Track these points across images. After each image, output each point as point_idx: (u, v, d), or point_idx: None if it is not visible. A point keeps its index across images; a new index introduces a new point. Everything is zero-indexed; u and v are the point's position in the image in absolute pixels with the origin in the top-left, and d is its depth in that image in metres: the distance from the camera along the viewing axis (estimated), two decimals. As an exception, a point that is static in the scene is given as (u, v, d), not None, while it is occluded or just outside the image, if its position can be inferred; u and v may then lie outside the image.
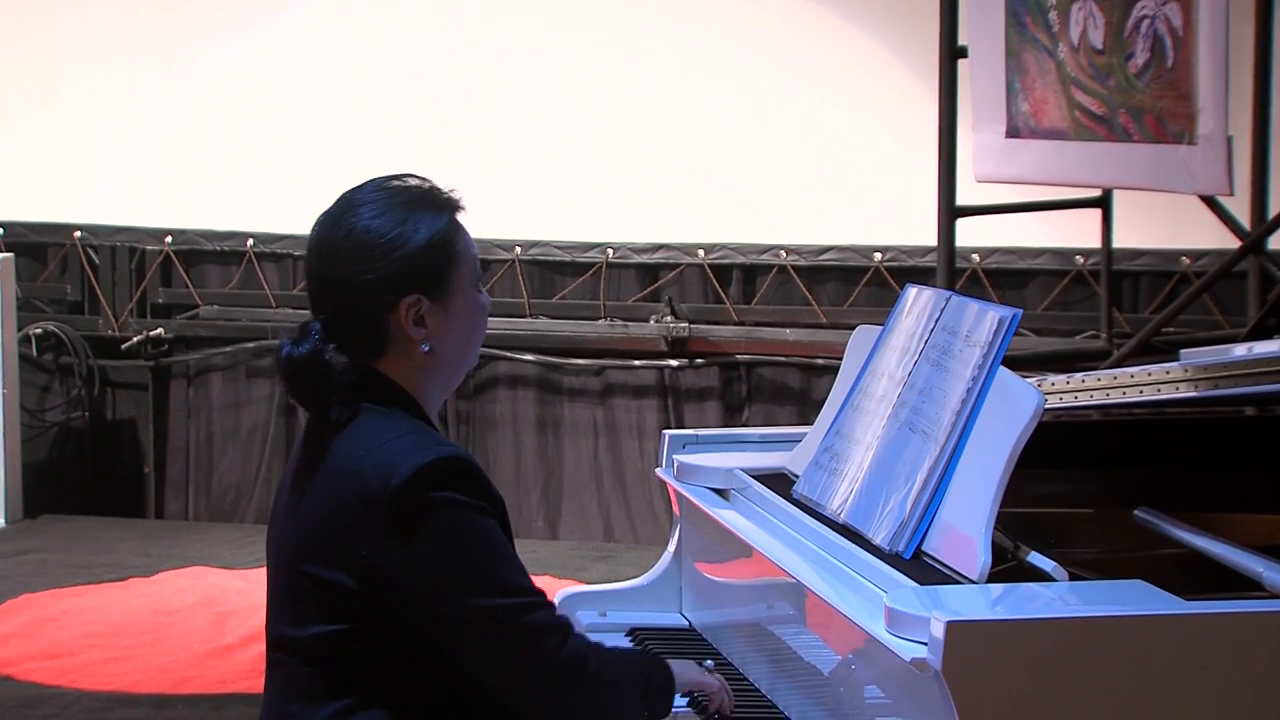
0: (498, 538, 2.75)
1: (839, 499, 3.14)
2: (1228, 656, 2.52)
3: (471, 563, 2.70)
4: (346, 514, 2.71)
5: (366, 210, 2.81)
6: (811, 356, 7.62)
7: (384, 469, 2.70)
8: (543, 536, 7.91)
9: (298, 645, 2.79)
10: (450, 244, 2.83)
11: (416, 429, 2.79)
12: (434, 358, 2.83)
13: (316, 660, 2.77)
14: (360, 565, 2.70)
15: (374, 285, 2.78)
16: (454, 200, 2.87)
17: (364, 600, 2.71)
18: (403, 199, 2.83)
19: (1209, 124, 5.18)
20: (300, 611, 2.77)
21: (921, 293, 3.23)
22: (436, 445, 2.74)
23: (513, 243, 7.90)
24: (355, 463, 2.73)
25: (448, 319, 2.83)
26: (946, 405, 2.97)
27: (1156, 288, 7.29)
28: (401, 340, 2.81)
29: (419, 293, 2.79)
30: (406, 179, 2.87)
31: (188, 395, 8.35)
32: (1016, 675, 2.48)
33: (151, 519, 8.31)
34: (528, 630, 2.71)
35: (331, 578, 2.72)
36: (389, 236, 2.78)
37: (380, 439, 2.75)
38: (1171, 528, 3.18)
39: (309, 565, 2.75)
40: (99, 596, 6.91)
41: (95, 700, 5.78)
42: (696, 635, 3.58)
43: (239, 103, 8.15)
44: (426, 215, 2.82)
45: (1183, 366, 3.32)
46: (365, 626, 2.73)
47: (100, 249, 8.33)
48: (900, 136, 7.40)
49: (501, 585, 2.71)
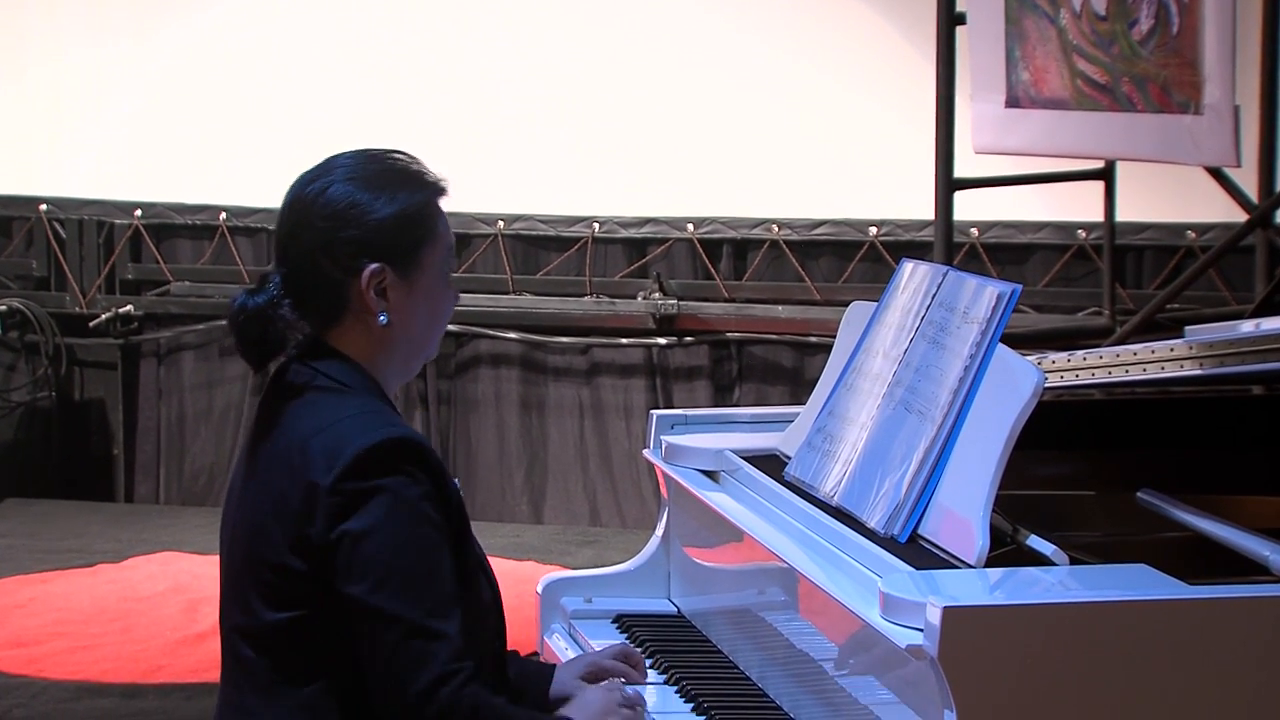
0: (431, 544, 2.70)
1: (832, 481, 3.15)
2: (1233, 643, 2.53)
3: (391, 556, 2.66)
4: (295, 496, 2.71)
5: (345, 172, 2.83)
6: (804, 334, 7.62)
7: (331, 450, 2.70)
8: (527, 520, 7.92)
9: (252, 634, 2.78)
10: (425, 221, 2.84)
11: (368, 408, 2.77)
12: (391, 333, 2.82)
13: (272, 650, 2.76)
14: (309, 549, 2.70)
15: (338, 247, 2.79)
16: (437, 182, 2.87)
17: (317, 585, 2.71)
18: (382, 169, 2.84)
19: (1215, 92, 5.19)
20: (253, 599, 2.77)
21: (918, 268, 3.23)
22: (385, 426, 2.73)
23: (495, 216, 7.90)
24: (305, 442, 2.73)
25: (410, 296, 2.82)
26: (943, 384, 2.98)
27: (1161, 263, 7.30)
28: (360, 310, 2.81)
29: (384, 263, 2.80)
30: (395, 153, 2.89)
31: (158, 375, 8.34)
32: (1015, 663, 2.49)
33: (121, 503, 8.30)
34: (404, 653, 2.64)
35: (282, 562, 2.72)
36: (361, 201, 2.80)
37: (331, 418, 2.75)
38: (1175, 510, 3.18)
39: (260, 549, 2.75)
40: (67, 583, 6.91)
41: (63, 690, 5.78)
42: (685, 622, 3.59)
43: (212, 71, 8.13)
44: (406, 188, 2.83)
45: (1188, 344, 3.33)
46: (321, 613, 2.72)
47: (67, 222, 8.31)
48: (896, 106, 7.40)
49: (408, 594, 2.65)
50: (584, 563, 6.81)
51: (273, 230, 7.35)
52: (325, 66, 8.01)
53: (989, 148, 5.95)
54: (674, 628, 3.55)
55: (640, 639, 3.44)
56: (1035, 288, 7.32)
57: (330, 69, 8.01)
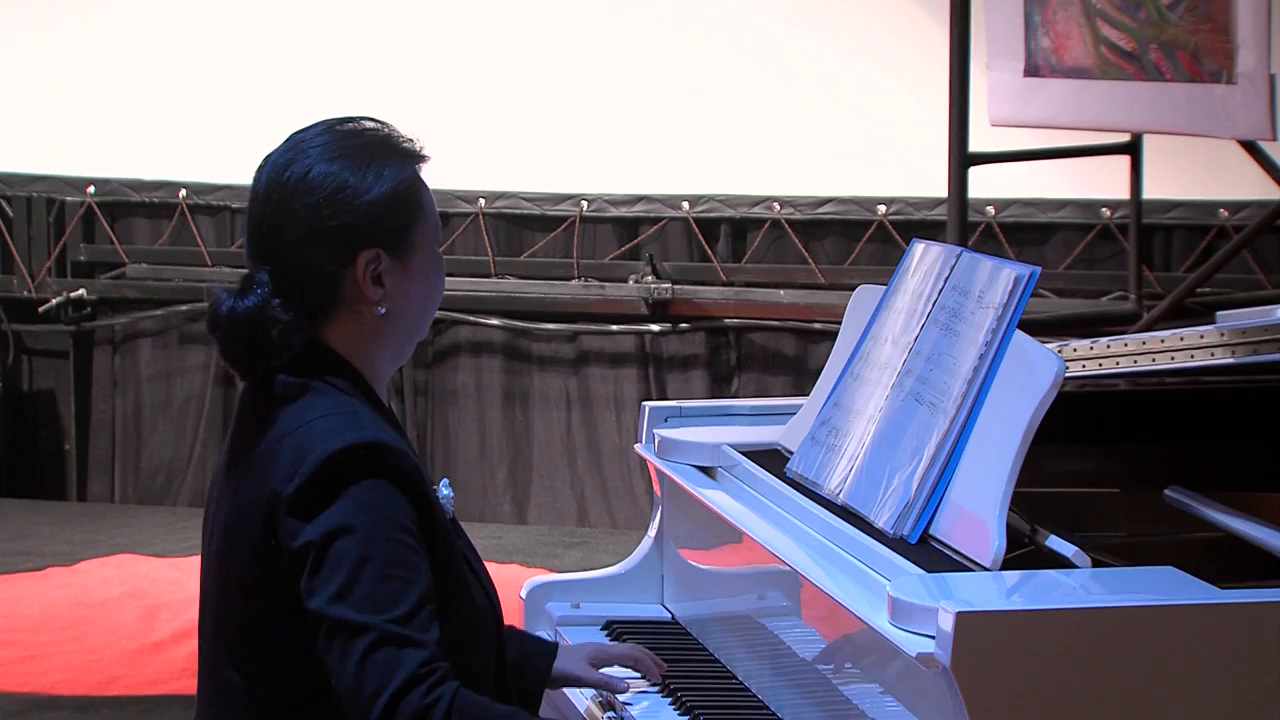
0: (398, 547, 2.66)
1: (838, 478, 3.16)
2: (1266, 649, 2.54)
3: (353, 564, 2.62)
4: (259, 507, 2.70)
5: (321, 153, 2.79)
6: (808, 320, 7.63)
7: (295, 456, 2.69)
8: (510, 521, 7.93)
9: (230, 650, 2.77)
10: (415, 196, 2.82)
11: (342, 408, 2.75)
12: (388, 322, 2.81)
13: (251, 675, 2.75)
14: (274, 564, 2.68)
15: (330, 235, 2.76)
16: (417, 149, 2.85)
17: (286, 601, 2.68)
18: (360, 143, 2.81)
19: (1249, 60, 5.20)
20: (231, 616, 2.76)
21: (929, 249, 3.24)
22: (356, 430, 2.70)
23: (475, 194, 7.90)
24: (274, 447, 2.72)
25: (407, 279, 2.81)
26: (957, 373, 2.99)
27: (1191, 243, 7.31)
28: (354, 300, 2.79)
29: (379, 247, 2.78)
30: (362, 121, 2.85)
31: (113, 364, 8.34)
32: (1033, 671, 2.50)
33: (73, 502, 8.31)
34: (376, 661, 2.59)
35: (250, 580, 2.71)
36: (349, 183, 2.76)
37: (301, 420, 2.73)
38: (1205, 509, 3.20)
39: (234, 564, 2.74)
40: (14, 588, 6.91)
41: (11, 703, 5.78)
42: (680, 629, 3.60)
43: (172, 37, 8.12)
44: (390, 162, 2.80)
45: (1219, 330, 3.34)
46: (301, 635, 2.68)
47: (14, 200, 8.31)
48: (906, 76, 7.41)
49: (375, 600, 2.61)
50: (571, 565, 6.83)
51: (239, 212, 7.39)
52: (293, 32, 8.01)
53: (1006, 120, 5.96)
54: (668, 635, 3.56)
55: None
56: (1056, 270, 7.34)
57: (298, 34, 8.00)
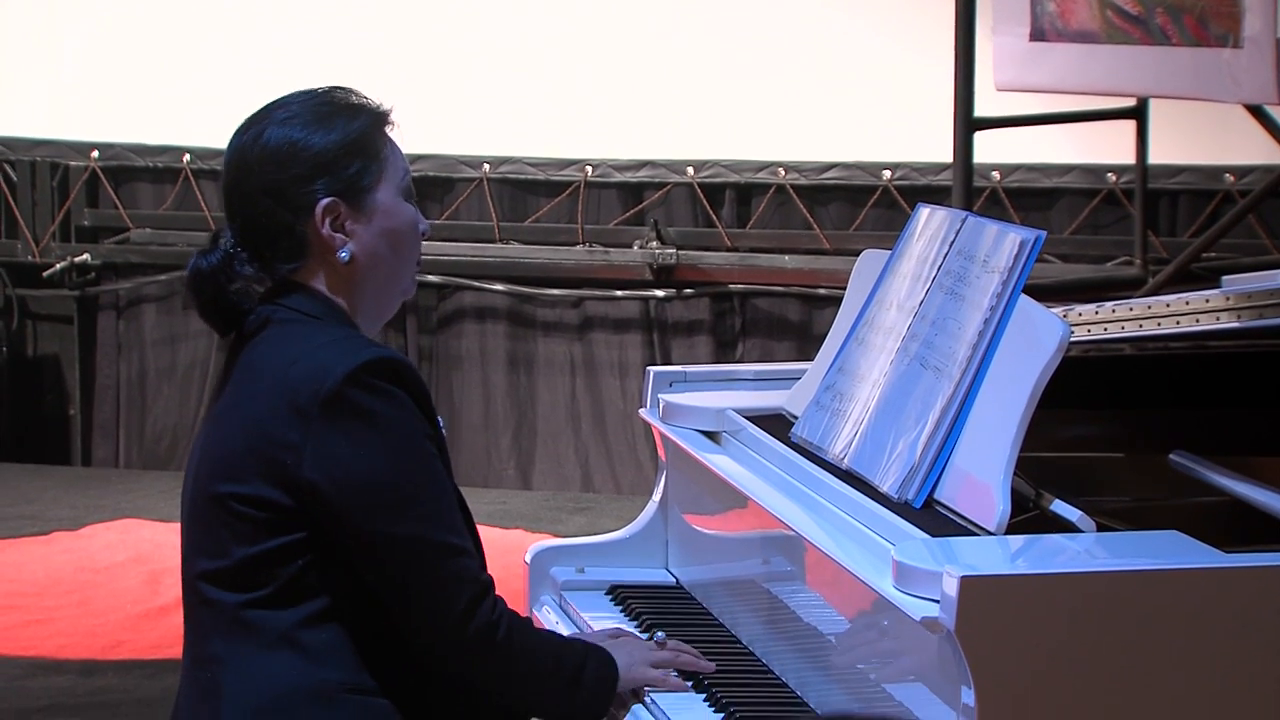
0: (432, 460, 2.83)
1: (842, 442, 3.15)
2: (1270, 613, 2.54)
3: (398, 480, 2.78)
4: (273, 426, 2.77)
5: (281, 114, 2.91)
6: (812, 285, 7.63)
7: (314, 375, 2.77)
8: (514, 486, 7.93)
9: (221, 576, 2.83)
10: (368, 144, 2.90)
11: (348, 335, 2.86)
12: (356, 269, 2.90)
13: (244, 587, 2.81)
14: (288, 478, 2.76)
15: (286, 188, 2.86)
16: (377, 107, 2.95)
17: (292, 516, 2.77)
18: (320, 103, 2.92)
19: (1256, 24, 5.19)
20: (222, 538, 2.82)
21: (934, 214, 3.24)
22: (369, 347, 2.81)
23: (480, 159, 7.89)
24: (282, 372, 2.80)
25: (370, 226, 2.90)
26: (962, 338, 2.98)
27: (1197, 208, 7.30)
28: (320, 250, 2.89)
29: (336, 196, 2.87)
30: (334, 89, 2.96)
31: (117, 329, 8.34)
32: (1038, 635, 2.50)
33: (78, 466, 8.32)
34: (440, 575, 2.78)
35: (255, 493, 2.78)
36: (299, 138, 2.87)
37: (307, 346, 2.82)
38: (1210, 473, 3.19)
39: (229, 485, 2.81)
40: (19, 552, 6.92)
41: (16, 666, 5.80)
42: (684, 593, 3.60)
43: (173, 3, 8.11)
44: (340, 115, 2.91)
45: (1225, 295, 3.34)
46: (296, 543, 2.78)
47: (18, 164, 8.31)
48: (912, 40, 7.39)
49: (426, 514, 2.79)
50: (575, 531, 6.83)
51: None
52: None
53: (1012, 84, 5.94)
54: (672, 599, 3.57)
55: (636, 611, 3.45)
56: (1061, 235, 7.33)
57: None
